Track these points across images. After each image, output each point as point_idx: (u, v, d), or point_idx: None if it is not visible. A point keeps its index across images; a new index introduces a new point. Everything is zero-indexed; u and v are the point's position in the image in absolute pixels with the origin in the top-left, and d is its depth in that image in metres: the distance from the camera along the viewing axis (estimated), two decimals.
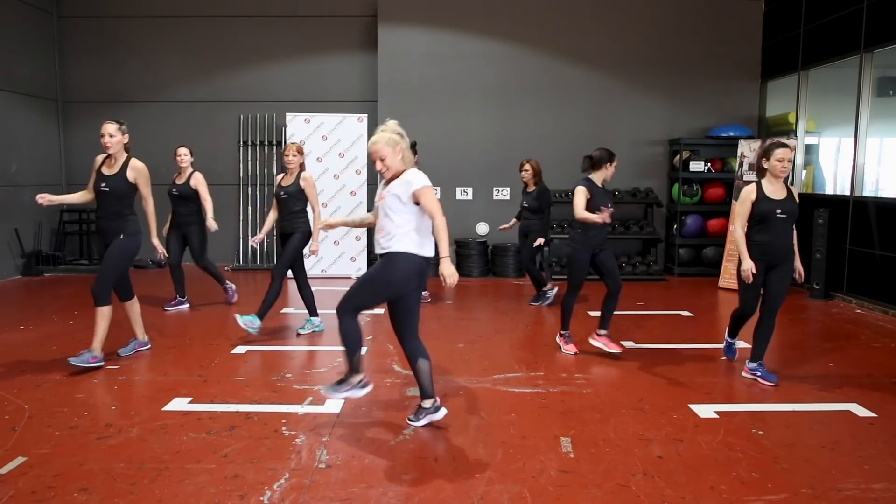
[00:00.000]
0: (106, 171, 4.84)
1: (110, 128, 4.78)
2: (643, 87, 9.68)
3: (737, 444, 3.55)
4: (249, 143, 9.98)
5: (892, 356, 5.36)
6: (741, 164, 8.63)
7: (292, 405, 4.10)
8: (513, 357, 5.22)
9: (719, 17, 9.62)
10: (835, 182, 8.93)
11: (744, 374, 4.77)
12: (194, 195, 6.77)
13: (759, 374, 4.65)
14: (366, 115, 9.23)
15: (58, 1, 9.95)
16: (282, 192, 5.82)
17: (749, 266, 4.50)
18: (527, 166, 7.05)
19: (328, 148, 9.03)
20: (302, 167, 5.87)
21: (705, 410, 4.04)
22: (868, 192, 7.60)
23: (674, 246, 9.43)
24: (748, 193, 4.64)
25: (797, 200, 4.62)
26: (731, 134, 9.27)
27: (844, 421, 3.94)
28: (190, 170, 6.90)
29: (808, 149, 9.15)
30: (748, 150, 8.59)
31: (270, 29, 9.94)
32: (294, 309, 7.00)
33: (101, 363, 4.80)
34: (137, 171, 4.87)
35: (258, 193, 10.01)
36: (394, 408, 4.10)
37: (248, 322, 5.65)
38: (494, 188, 9.77)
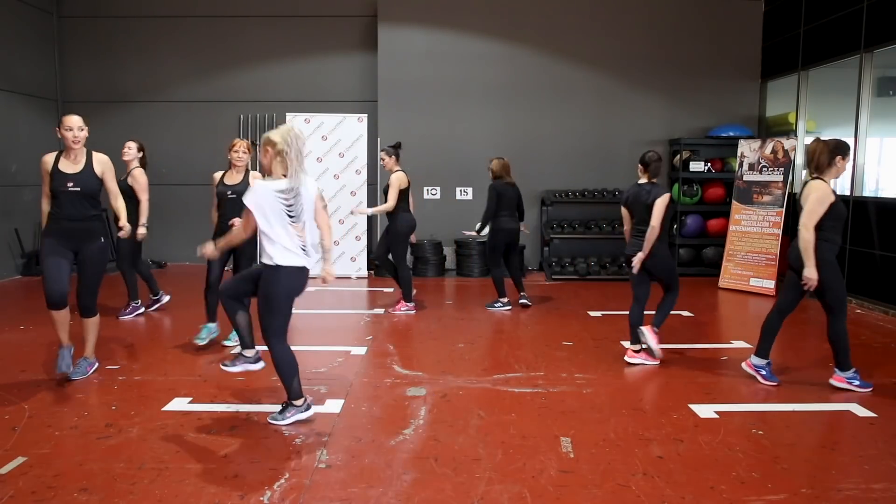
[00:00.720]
0: (68, 169, 4.48)
1: (78, 121, 4.48)
2: (643, 87, 9.68)
3: (737, 444, 3.55)
4: (250, 142, 9.96)
5: (892, 356, 5.36)
6: (741, 164, 8.63)
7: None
8: (513, 357, 5.22)
9: (719, 17, 9.62)
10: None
11: (744, 366, 4.73)
12: (132, 193, 6.21)
13: (763, 372, 4.62)
14: (366, 115, 9.23)
15: (58, 1, 9.94)
16: (228, 192, 5.28)
17: (815, 274, 4.22)
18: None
19: (328, 148, 9.03)
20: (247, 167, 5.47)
21: (705, 410, 4.04)
22: (868, 192, 7.60)
23: (674, 246, 9.43)
24: (827, 193, 4.30)
25: None
26: (731, 134, 9.27)
27: (844, 421, 3.94)
28: (134, 164, 6.42)
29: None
30: (748, 150, 8.60)
31: (270, 29, 9.94)
32: (293, 309, 6.98)
33: (97, 364, 4.77)
34: (104, 164, 4.59)
35: None
36: (394, 408, 4.10)
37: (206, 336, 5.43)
38: None
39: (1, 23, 8.86)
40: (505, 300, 7.08)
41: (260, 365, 4.06)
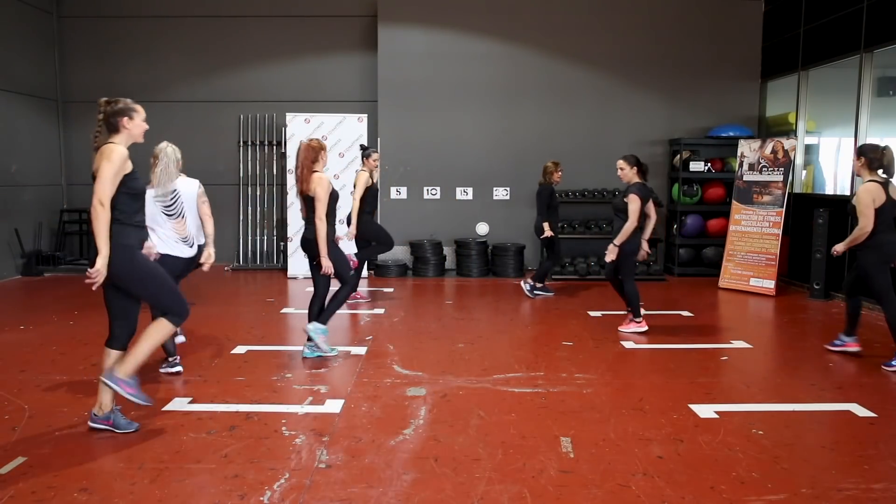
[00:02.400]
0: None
1: None
2: (643, 87, 9.68)
3: (737, 444, 3.55)
4: (249, 143, 9.98)
5: (892, 356, 5.34)
6: (741, 164, 8.63)
7: (292, 405, 4.10)
8: (513, 357, 5.22)
9: (719, 17, 9.62)
10: (835, 182, 8.93)
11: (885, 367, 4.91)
12: None
13: None
14: (366, 115, 9.23)
15: (58, 1, 9.95)
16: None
17: None
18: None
19: (328, 148, 9.01)
20: None
21: (705, 410, 4.04)
22: None
23: (674, 246, 9.43)
24: (879, 191, 4.81)
25: None
26: (731, 134, 9.27)
27: (844, 421, 3.94)
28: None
29: (808, 149, 9.15)
30: (748, 150, 8.60)
31: (270, 29, 9.94)
32: (294, 309, 7.00)
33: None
34: None
35: (258, 193, 10.00)
36: (394, 408, 4.10)
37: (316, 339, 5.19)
38: (494, 188, 9.77)
39: (1, 23, 8.86)
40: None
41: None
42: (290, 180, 8.65)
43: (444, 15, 9.55)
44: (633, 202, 5.65)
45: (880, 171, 4.90)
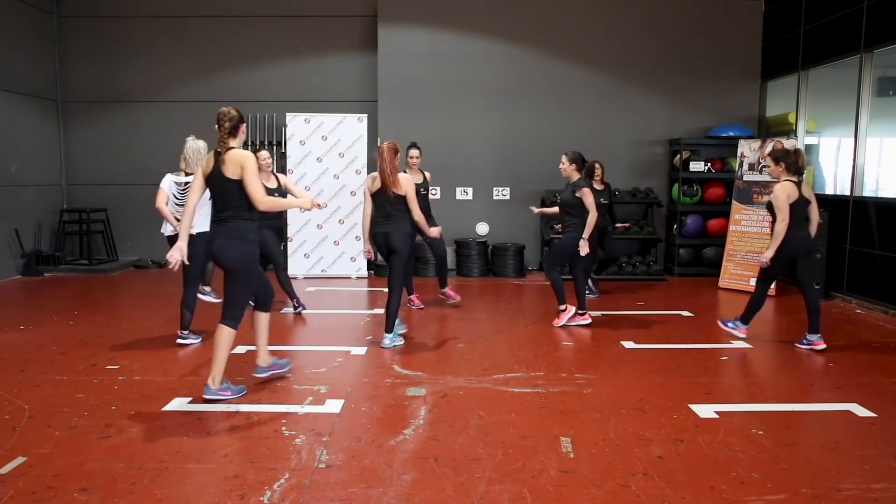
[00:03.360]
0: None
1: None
2: (643, 87, 9.68)
3: (737, 444, 3.55)
4: (249, 143, 9.97)
5: (892, 356, 5.35)
6: (741, 164, 8.63)
7: (292, 405, 4.10)
8: (513, 357, 5.22)
9: (719, 17, 9.61)
10: (835, 182, 8.93)
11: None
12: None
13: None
14: (366, 115, 9.23)
15: (58, 1, 9.95)
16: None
17: None
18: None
19: (328, 148, 9.03)
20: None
21: (705, 410, 4.04)
22: (868, 192, 7.60)
23: (674, 246, 9.43)
24: (794, 190, 5.30)
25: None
26: (731, 134, 9.27)
27: (844, 421, 3.94)
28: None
29: (808, 149, 9.14)
30: (748, 150, 8.59)
31: (270, 29, 9.94)
32: (294, 309, 6.99)
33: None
34: None
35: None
36: (394, 408, 4.10)
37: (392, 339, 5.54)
38: (494, 188, 9.77)
39: (1, 23, 8.86)
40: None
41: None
42: (290, 180, 8.64)
43: (444, 15, 9.55)
44: (588, 196, 5.95)
45: (794, 175, 5.41)
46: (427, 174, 6.99)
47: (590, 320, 6.21)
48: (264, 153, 6.32)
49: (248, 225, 4.04)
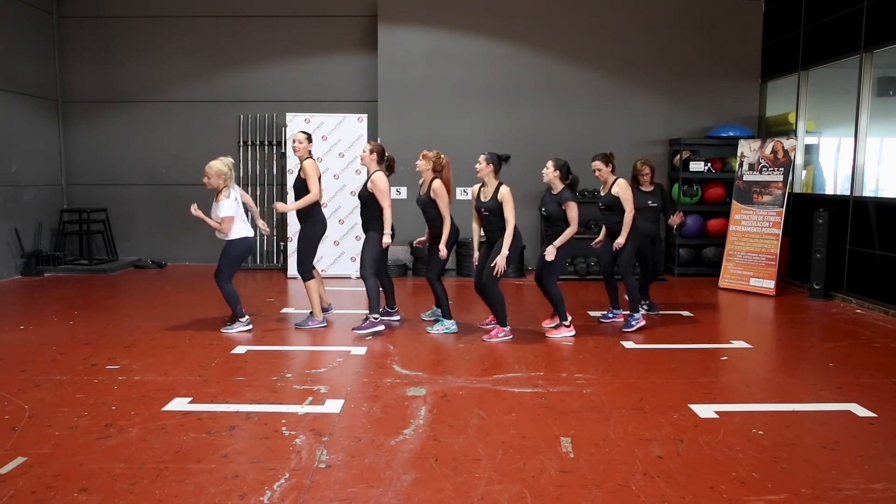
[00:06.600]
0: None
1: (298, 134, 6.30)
2: (643, 87, 9.68)
3: (737, 444, 3.55)
4: (249, 143, 9.98)
5: (892, 356, 5.35)
6: (741, 164, 8.63)
7: (292, 405, 4.10)
8: (513, 357, 5.22)
9: (719, 17, 9.62)
10: (835, 182, 8.93)
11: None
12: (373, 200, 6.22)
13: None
14: (366, 115, 9.23)
15: (58, 1, 9.95)
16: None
17: None
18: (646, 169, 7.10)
19: (328, 148, 9.02)
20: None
21: (705, 410, 4.04)
22: (868, 192, 7.60)
23: (674, 246, 9.43)
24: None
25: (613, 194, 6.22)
26: (731, 134, 9.27)
27: (844, 421, 3.94)
28: (374, 168, 6.25)
29: (808, 149, 9.15)
30: (748, 150, 8.60)
31: (270, 29, 9.94)
32: (294, 309, 7.00)
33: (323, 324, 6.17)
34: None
35: (258, 193, 10.00)
36: (394, 408, 4.10)
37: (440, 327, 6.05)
38: None
39: (1, 23, 8.85)
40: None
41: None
42: (290, 180, 8.66)
43: (444, 15, 9.55)
44: (572, 209, 5.77)
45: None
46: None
47: (573, 332, 5.92)
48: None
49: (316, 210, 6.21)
